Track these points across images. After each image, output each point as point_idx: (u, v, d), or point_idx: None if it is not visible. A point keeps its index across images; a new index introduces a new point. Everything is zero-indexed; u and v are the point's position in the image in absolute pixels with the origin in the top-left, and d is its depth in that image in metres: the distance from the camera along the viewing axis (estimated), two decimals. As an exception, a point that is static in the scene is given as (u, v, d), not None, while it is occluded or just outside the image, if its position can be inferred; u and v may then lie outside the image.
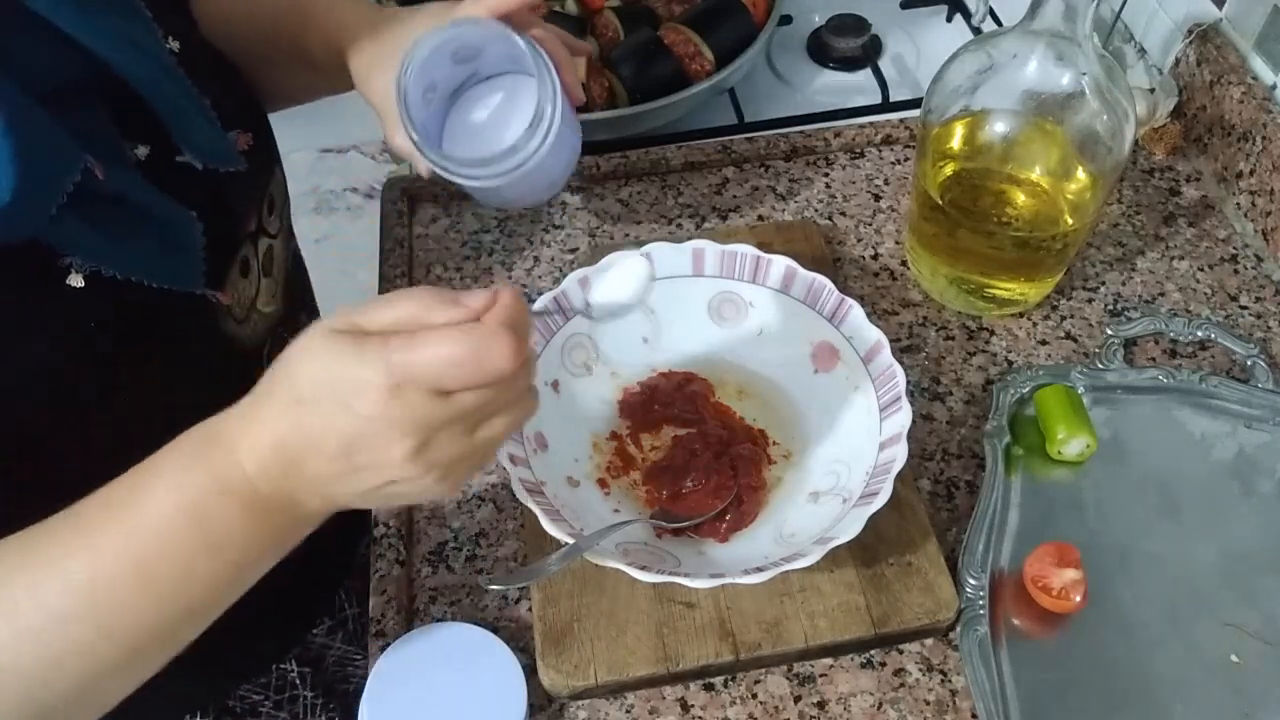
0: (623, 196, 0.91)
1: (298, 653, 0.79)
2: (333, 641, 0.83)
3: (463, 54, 0.64)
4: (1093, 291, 0.83)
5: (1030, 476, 0.71)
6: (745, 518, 0.66)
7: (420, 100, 0.62)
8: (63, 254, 0.49)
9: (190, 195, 0.56)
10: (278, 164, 0.66)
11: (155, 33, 0.57)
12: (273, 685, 0.77)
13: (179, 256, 0.55)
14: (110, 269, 0.50)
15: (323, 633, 0.82)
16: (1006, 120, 0.74)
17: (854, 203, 0.89)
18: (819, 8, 1.09)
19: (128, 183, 0.52)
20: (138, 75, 0.53)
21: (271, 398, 0.45)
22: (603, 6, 1.00)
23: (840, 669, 0.64)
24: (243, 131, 0.61)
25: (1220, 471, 0.72)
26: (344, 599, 0.84)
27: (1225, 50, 0.87)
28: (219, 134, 0.59)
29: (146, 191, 0.53)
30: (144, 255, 0.52)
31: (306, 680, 0.79)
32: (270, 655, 0.78)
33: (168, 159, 0.56)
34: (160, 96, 0.55)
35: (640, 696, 0.63)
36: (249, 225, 0.61)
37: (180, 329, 0.56)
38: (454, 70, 0.66)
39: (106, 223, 0.51)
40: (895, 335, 0.80)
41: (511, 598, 0.67)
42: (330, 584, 0.84)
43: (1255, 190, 0.85)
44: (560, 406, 0.70)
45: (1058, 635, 0.64)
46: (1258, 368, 0.76)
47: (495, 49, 0.64)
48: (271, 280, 0.64)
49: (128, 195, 0.52)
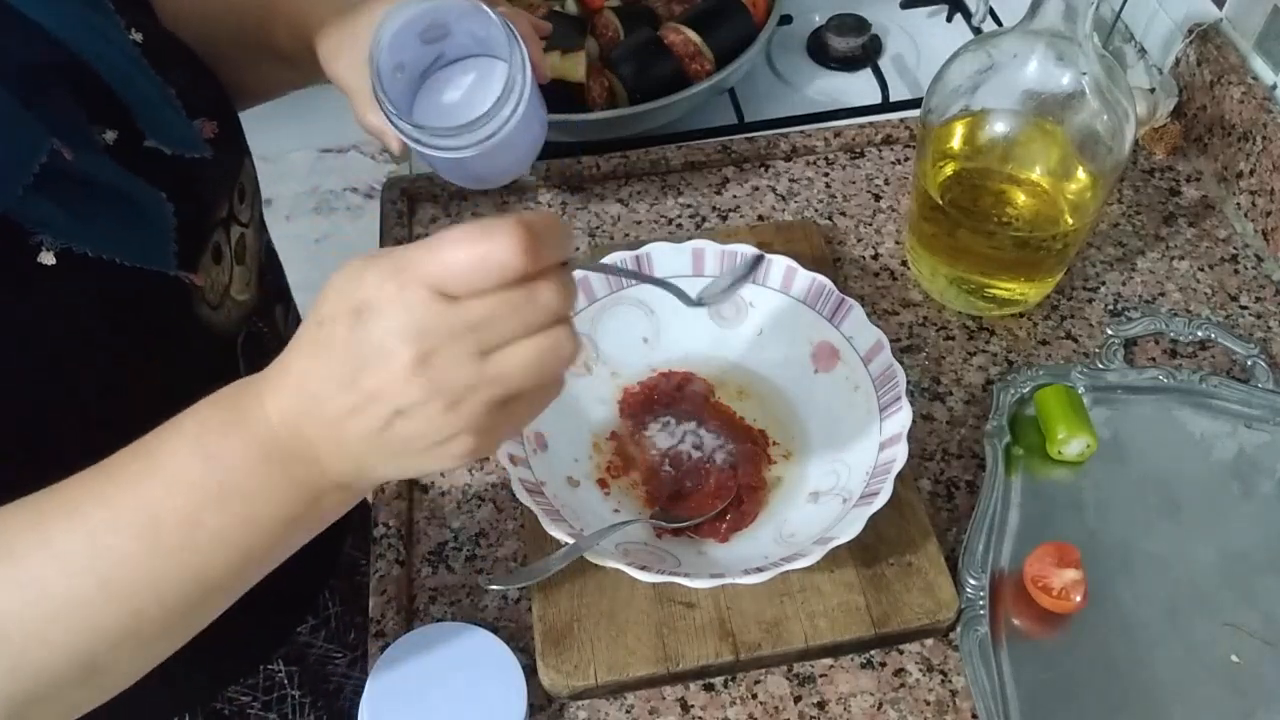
0: (623, 196, 0.91)
1: (284, 652, 0.79)
2: (315, 640, 0.83)
3: (431, 33, 0.65)
4: (1093, 291, 0.83)
5: (1030, 476, 0.71)
6: (745, 518, 0.66)
7: (391, 75, 0.63)
8: (32, 232, 0.49)
9: (159, 179, 0.56)
10: (246, 154, 0.66)
11: (118, 24, 0.58)
12: (260, 686, 0.77)
13: (149, 235, 0.55)
14: (81, 246, 0.50)
15: (306, 631, 0.82)
16: (1006, 120, 0.74)
17: (854, 203, 0.89)
18: (819, 8, 1.09)
19: (96, 165, 0.53)
20: (103, 62, 0.54)
21: (301, 329, 0.42)
22: (603, 6, 1.00)
23: (840, 669, 0.64)
24: (208, 120, 0.62)
25: (1220, 471, 0.72)
26: (327, 598, 0.85)
27: (1225, 50, 0.87)
28: (184, 121, 0.59)
29: (115, 172, 0.54)
30: (114, 233, 0.53)
31: (294, 679, 0.79)
32: (257, 655, 0.78)
33: (135, 144, 0.56)
34: (125, 83, 0.55)
35: (640, 696, 0.63)
36: (220, 212, 0.62)
37: (154, 310, 0.56)
38: (422, 51, 0.66)
39: (76, 202, 0.51)
40: (895, 335, 0.80)
41: (511, 598, 0.67)
42: (315, 583, 0.84)
43: (1255, 190, 0.85)
44: (560, 406, 0.69)
45: (1058, 635, 0.64)
46: (1258, 368, 0.76)
47: (463, 29, 0.65)
48: (245, 269, 0.65)
49: (97, 176, 0.52)
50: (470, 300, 0.39)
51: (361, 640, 0.88)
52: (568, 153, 0.92)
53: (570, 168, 0.91)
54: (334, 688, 0.86)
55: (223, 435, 0.43)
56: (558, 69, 0.91)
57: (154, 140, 0.57)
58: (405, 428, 0.41)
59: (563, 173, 0.91)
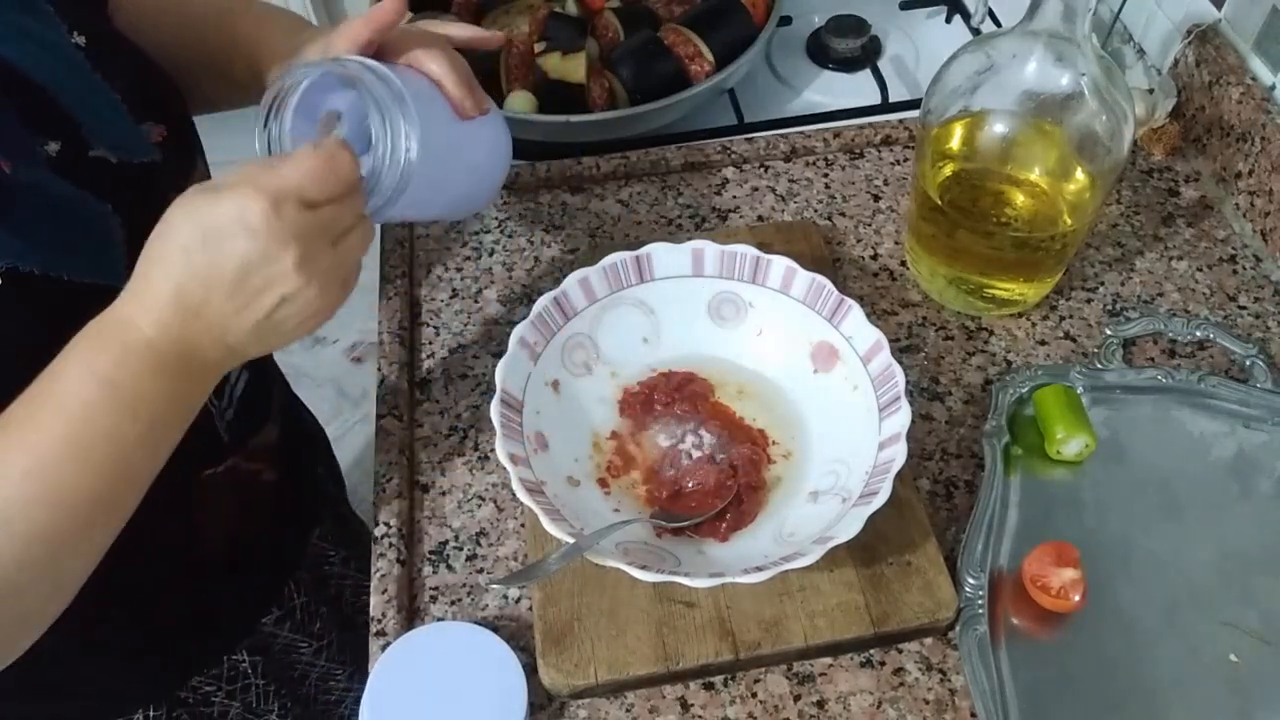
0: (623, 197, 0.91)
1: (248, 643, 0.80)
2: (280, 630, 0.83)
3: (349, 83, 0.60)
4: (1092, 292, 0.83)
5: (1029, 476, 0.71)
6: (745, 517, 0.66)
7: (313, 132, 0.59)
8: None
9: (106, 190, 0.56)
10: (199, 157, 0.66)
11: (58, 27, 0.57)
12: (224, 676, 0.78)
13: (98, 250, 0.55)
14: (28, 265, 0.51)
15: (271, 622, 0.82)
16: (1005, 121, 0.74)
17: (853, 203, 0.90)
18: (819, 8, 1.09)
19: (39, 178, 0.53)
20: (38, 69, 0.54)
21: (157, 261, 0.49)
22: (603, 7, 1.00)
23: (840, 668, 0.64)
24: (156, 124, 0.61)
25: (1219, 471, 0.72)
26: (293, 589, 0.85)
27: (1224, 51, 0.88)
28: (130, 126, 0.59)
29: (60, 186, 0.54)
30: (62, 250, 0.53)
31: (258, 669, 0.80)
32: (220, 647, 0.78)
33: (80, 154, 0.56)
34: (64, 90, 0.55)
35: (640, 696, 0.63)
36: None
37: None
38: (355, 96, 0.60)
39: (20, 219, 0.51)
40: (894, 335, 0.80)
41: (512, 597, 0.67)
42: (281, 575, 0.84)
43: (1254, 190, 0.85)
44: (560, 406, 0.70)
45: (1057, 635, 0.65)
46: (1256, 368, 0.76)
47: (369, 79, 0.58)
48: None
49: (39, 189, 0.52)
50: (325, 206, 0.50)
51: (327, 629, 0.88)
52: (568, 153, 0.93)
53: (570, 168, 0.91)
54: (299, 675, 0.86)
55: (114, 365, 0.49)
56: (558, 70, 0.92)
57: (99, 146, 0.56)
58: (284, 311, 0.51)
59: (563, 173, 0.91)
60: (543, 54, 0.93)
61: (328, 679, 0.90)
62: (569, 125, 0.90)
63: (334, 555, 0.92)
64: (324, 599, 0.89)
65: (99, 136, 0.56)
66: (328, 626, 0.89)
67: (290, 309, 0.51)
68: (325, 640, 0.88)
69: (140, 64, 0.64)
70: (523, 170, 0.91)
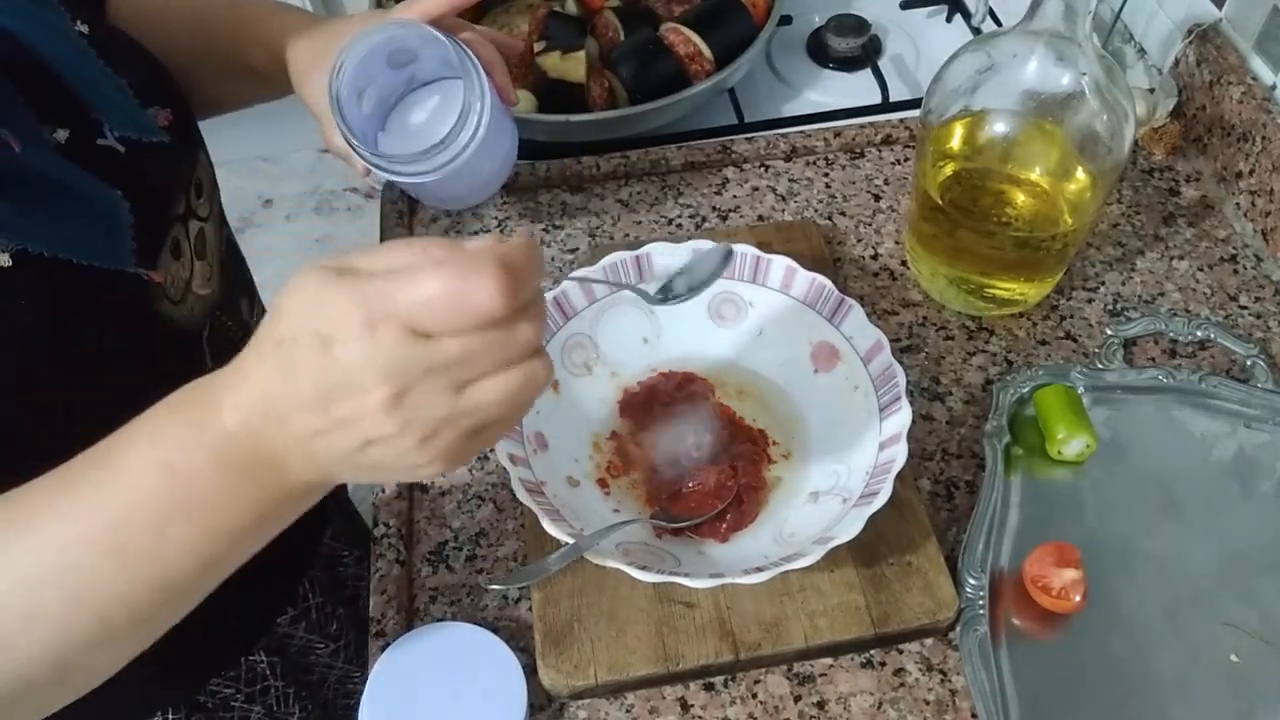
0: (623, 197, 0.91)
1: (265, 643, 0.79)
2: (296, 631, 0.83)
3: (398, 58, 0.66)
4: (1092, 291, 0.83)
5: (1030, 476, 0.71)
6: (745, 518, 0.66)
7: (354, 101, 0.64)
8: None
9: (114, 176, 0.56)
10: (201, 148, 0.66)
11: (64, 17, 0.58)
12: (243, 678, 0.77)
13: (106, 234, 0.55)
14: (36, 246, 0.50)
15: (286, 623, 0.82)
16: (1006, 120, 0.74)
17: (854, 203, 0.90)
18: (819, 8, 1.09)
19: (48, 163, 0.53)
20: (51, 50, 0.54)
21: (257, 342, 0.41)
22: (603, 6, 1.00)
23: (840, 669, 0.64)
24: (161, 108, 0.62)
25: (1220, 471, 0.72)
26: (307, 588, 0.85)
27: (1225, 50, 0.87)
28: (137, 108, 0.59)
29: (68, 170, 0.53)
30: (70, 232, 0.53)
31: (276, 670, 0.80)
32: (238, 648, 0.78)
33: (88, 142, 0.56)
34: (75, 71, 0.55)
35: (640, 696, 0.63)
36: (177, 207, 0.61)
37: (114, 308, 0.56)
38: (392, 75, 0.68)
39: (29, 202, 0.51)
40: (895, 335, 0.80)
41: (511, 598, 0.67)
42: (294, 574, 0.84)
43: (1255, 190, 0.85)
44: (560, 406, 0.70)
45: (1057, 635, 0.65)
46: (1257, 368, 0.76)
47: (429, 53, 0.66)
48: (205, 264, 0.64)
49: (49, 174, 0.52)
50: (446, 339, 0.39)
51: (343, 630, 0.88)
52: (568, 153, 0.93)
53: (570, 168, 0.91)
54: (317, 678, 0.86)
55: (182, 448, 0.42)
56: (558, 69, 0.91)
57: (108, 130, 0.56)
58: (377, 453, 0.41)
59: (563, 173, 0.91)
60: (542, 53, 0.93)
61: (345, 681, 0.90)
62: (569, 125, 0.90)
63: (347, 556, 0.92)
64: (340, 600, 0.88)
65: (107, 115, 0.56)
66: (345, 628, 0.88)
67: (381, 453, 0.41)
68: (343, 641, 0.88)
69: (141, 56, 0.64)
70: (522, 170, 0.91)
